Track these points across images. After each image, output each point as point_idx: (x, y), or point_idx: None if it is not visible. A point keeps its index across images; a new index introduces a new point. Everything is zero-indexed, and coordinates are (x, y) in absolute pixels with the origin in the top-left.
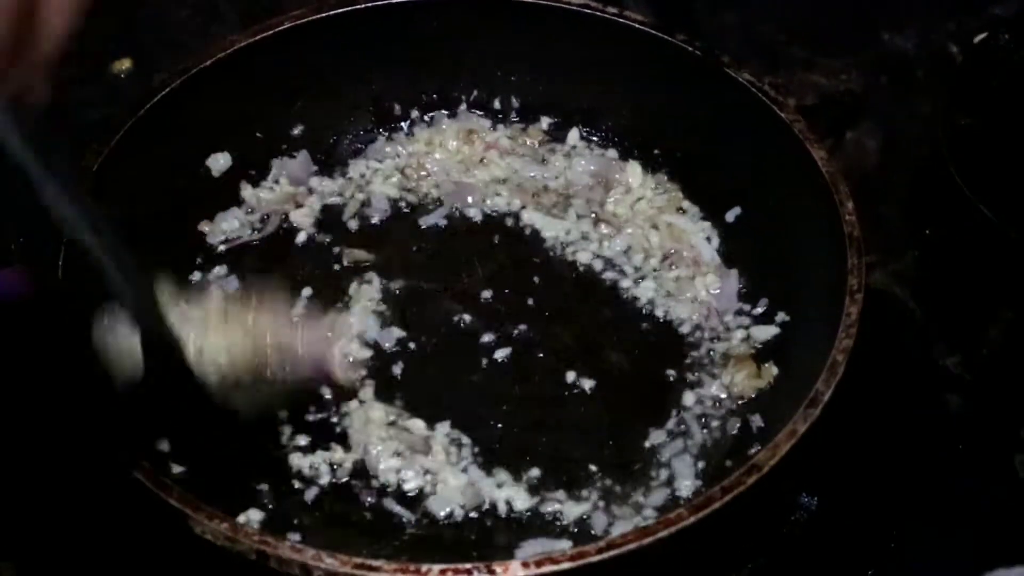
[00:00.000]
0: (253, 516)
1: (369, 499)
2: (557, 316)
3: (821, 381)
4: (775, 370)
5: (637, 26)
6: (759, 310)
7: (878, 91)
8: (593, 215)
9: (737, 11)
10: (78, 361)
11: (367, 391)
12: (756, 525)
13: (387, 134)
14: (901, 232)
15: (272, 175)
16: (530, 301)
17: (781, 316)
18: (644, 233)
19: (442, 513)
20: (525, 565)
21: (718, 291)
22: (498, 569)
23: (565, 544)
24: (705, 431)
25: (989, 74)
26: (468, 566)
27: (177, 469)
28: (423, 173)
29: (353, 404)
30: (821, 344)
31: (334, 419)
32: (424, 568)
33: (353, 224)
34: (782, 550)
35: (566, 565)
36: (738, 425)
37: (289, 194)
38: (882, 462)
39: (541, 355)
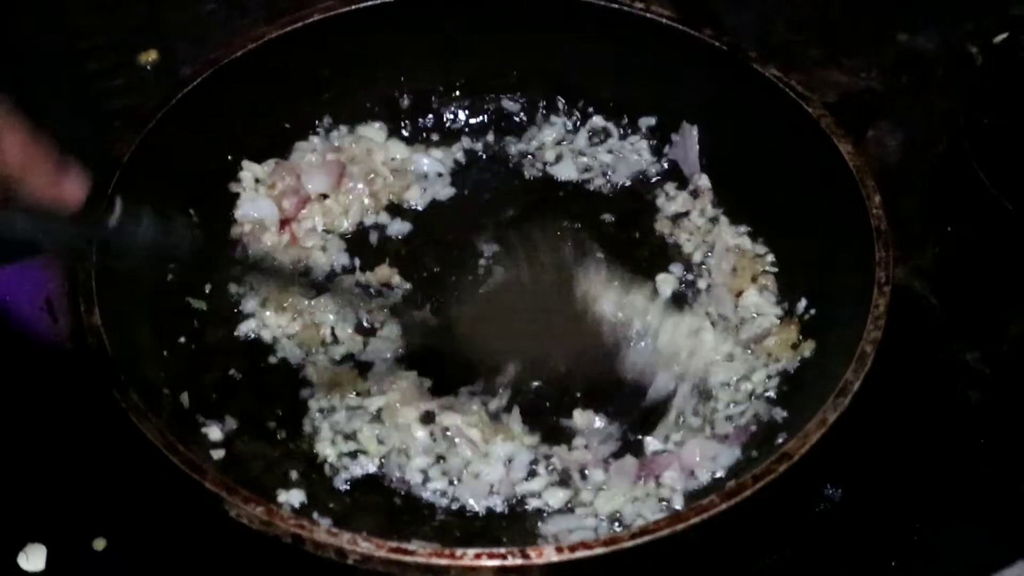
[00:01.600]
0: (294, 497)
1: (401, 487)
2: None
3: (850, 371)
4: (813, 344)
5: (664, 21)
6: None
7: (898, 89)
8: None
9: (755, 10)
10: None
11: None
12: (782, 515)
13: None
14: (922, 229)
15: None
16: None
17: (809, 310)
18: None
19: (472, 502)
20: (559, 550)
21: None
22: (532, 553)
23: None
24: (729, 420)
25: (1009, 73)
26: (503, 550)
27: (217, 455)
28: None
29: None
30: (848, 337)
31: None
32: (459, 552)
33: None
34: (807, 541)
35: (600, 550)
36: (762, 417)
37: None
38: (905, 455)
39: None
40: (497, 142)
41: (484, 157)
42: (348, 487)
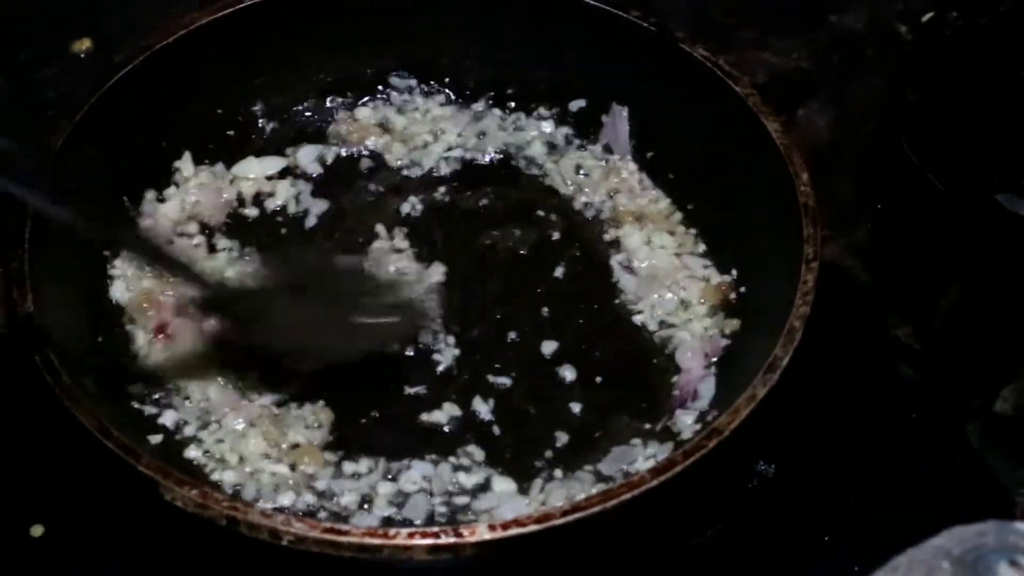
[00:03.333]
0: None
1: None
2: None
3: (779, 347)
4: (737, 323)
5: (591, 2)
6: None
7: (828, 69)
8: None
9: None
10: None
11: None
12: (715, 491)
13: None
14: (853, 206)
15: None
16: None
17: (739, 287)
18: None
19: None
20: (492, 528)
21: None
22: (465, 532)
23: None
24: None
25: (937, 51)
26: (436, 529)
27: (155, 439)
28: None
29: None
30: (778, 313)
31: None
32: (392, 532)
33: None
34: (740, 516)
35: (532, 527)
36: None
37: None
38: (838, 430)
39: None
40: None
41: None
42: None
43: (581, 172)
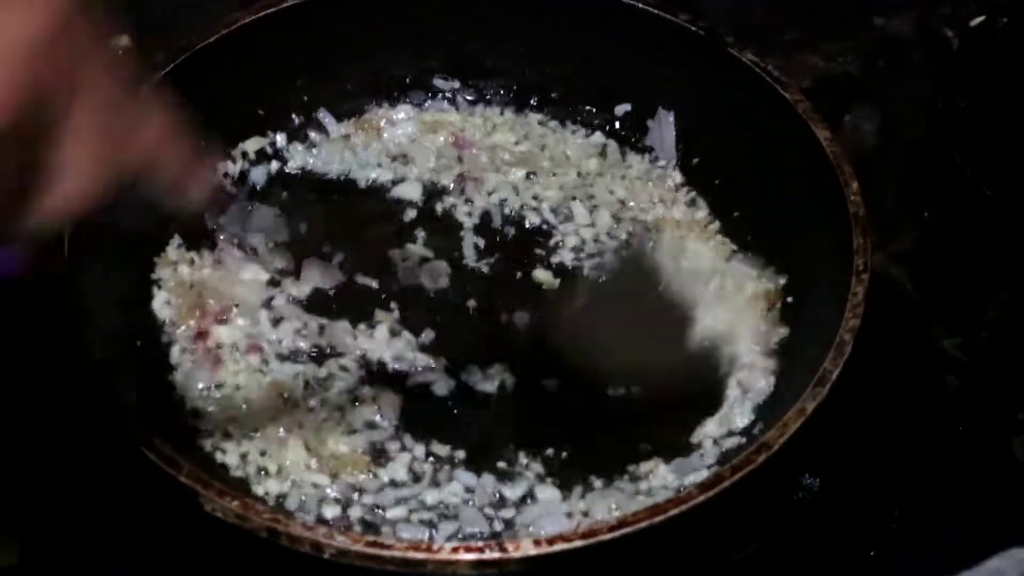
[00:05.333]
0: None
1: None
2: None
3: (829, 360)
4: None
5: (639, 5)
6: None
7: (875, 74)
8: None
9: None
10: (77, 341)
11: None
12: (760, 506)
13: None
14: (899, 214)
15: None
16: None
17: (787, 297)
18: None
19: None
20: (537, 543)
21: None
22: (510, 546)
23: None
24: None
25: (986, 57)
26: (480, 544)
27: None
28: None
29: None
30: (827, 325)
31: None
32: (436, 546)
33: None
34: (785, 531)
35: (578, 543)
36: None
37: None
38: (883, 444)
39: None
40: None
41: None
42: None
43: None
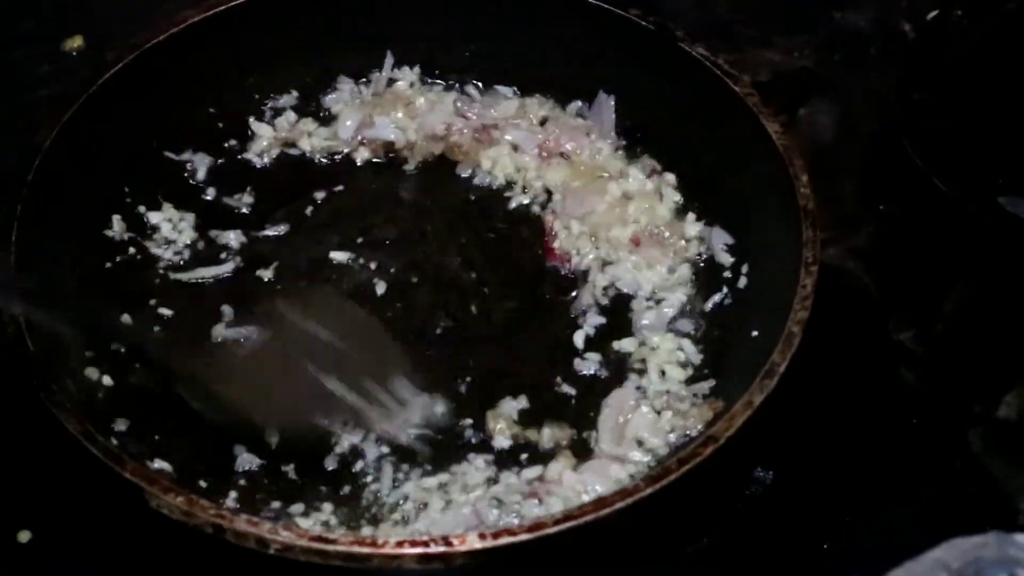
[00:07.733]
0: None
1: None
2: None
3: (776, 352)
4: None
5: (592, 1)
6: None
7: (832, 68)
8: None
9: None
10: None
11: None
12: (712, 499)
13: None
14: (855, 208)
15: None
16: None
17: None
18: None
19: None
20: (482, 536)
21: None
22: (455, 541)
23: None
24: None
25: (942, 50)
26: (425, 539)
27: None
28: None
29: None
30: (776, 317)
31: None
32: (381, 540)
33: None
34: (738, 524)
35: (524, 536)
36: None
37: None
38: (838, 437)
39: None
40: None
41: None
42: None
43: None
